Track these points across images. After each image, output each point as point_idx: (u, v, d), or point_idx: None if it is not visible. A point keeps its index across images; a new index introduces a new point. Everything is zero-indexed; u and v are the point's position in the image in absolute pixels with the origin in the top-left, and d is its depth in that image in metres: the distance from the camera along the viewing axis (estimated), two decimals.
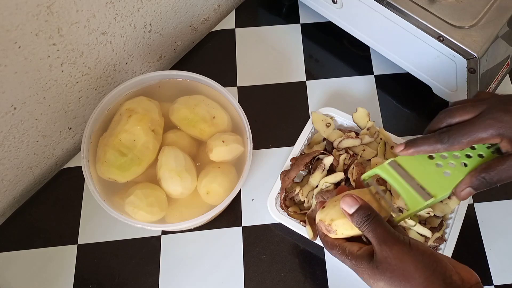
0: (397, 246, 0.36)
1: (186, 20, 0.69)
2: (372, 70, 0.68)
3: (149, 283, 0.55)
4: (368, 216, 0.38)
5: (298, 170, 0.54)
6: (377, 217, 0.38)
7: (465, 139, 0.39)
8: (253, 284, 0.55)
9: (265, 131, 0.63)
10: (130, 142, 0.50)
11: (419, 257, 0.35)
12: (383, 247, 0.36)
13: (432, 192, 0.40)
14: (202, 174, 0.53)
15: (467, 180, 0.40)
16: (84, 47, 0.53)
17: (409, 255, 0.35)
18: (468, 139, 0.39)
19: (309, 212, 0.54)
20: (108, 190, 0.51)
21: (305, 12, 0.73)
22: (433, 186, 0.40)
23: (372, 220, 0.38)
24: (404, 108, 0.66)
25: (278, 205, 0.55)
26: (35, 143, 0.57)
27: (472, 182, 0.40)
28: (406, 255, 0.35)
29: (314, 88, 0.67)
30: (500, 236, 0.58)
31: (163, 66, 0.72)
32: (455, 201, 0.54)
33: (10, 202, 0.61)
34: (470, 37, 0.52)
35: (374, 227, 0.37)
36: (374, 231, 0.37)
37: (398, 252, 0.35)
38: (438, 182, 0.41)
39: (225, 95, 0.55)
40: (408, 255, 0.35)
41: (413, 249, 0.35)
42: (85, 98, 0.60)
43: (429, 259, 0.35)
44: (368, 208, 0.39)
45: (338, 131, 0.58)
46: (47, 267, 0.56)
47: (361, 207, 0.39)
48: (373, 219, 0.38)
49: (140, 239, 0.57)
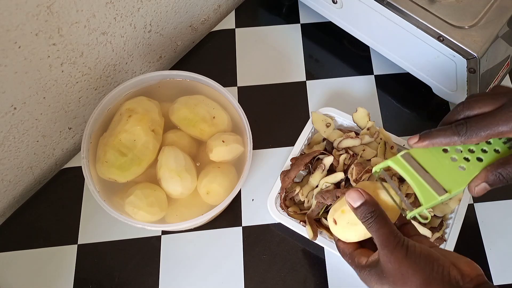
0: (396, 251, 0.36)
1: (186, 20, 0.69)
2: (372, 70, 0.68)
3: (149, 283, 0.55)
4: (373, 213, 0.38)
5: (298, 170, 0.54)
6: (381, 216, 0.37)
7: (484, 132, 0.37)
8: (253, 284, 0.55)
9: (265, 131, 0.63)
10: (130, 142, 0.50)
11: (416, 260, 0.35)
12: (385, 251, 0.36)
13: (447, 187, 0.38)
14: (202, 174, 0.53)
15: (482, 175, 0.38)
16: (84, 47, 0.53)
17: (406, 259, 0.35)
18: (487, 131, 0.37)
19: (309, 212, 0.54)
20: (108, 190, 0.51)
21: (305, 12, 0.73)
22: (447, 180, 0.39)
23: (375, 219, 0.37)
24: (404, 108, 0.66)
25: (278, 205, 0.55)
26: (35, 143, 0.57)
27: (488, 177, 0.38)
28: (404, 259, 0.35)
29: (314, 88, 0.67)
30: (500, 236, 0.58)
31: (163, 66, 0.72)
32: (455, 201, 0.54)
33: (10, 202, 0.61)
34: (470, 37, 0.52)
35: (378, 227, 0.37)
36: (377, 232, 0.37)
37: (398, 257, 0.36)
38: (453, 176, 0.39)
39: (225, 95, 0.55)
40: (406, 259, 0.35)
41: (410, 252, 0.36)
42: (85, 98, 0.60)
43: (425, 261, 0.35)
44: (373, 205, 0.38)
45: (338, 131, 0.58)
46: (47, 267, 0.56)
47: (366, 202, 0.38)
48: (377, 218, 0.37)
49: (140, 239, 0.57)
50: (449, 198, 0.39)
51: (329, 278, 0.55)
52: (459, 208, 0.54)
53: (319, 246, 0.55)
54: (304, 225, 0.53)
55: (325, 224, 0.54)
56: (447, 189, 0.38)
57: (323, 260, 0.56)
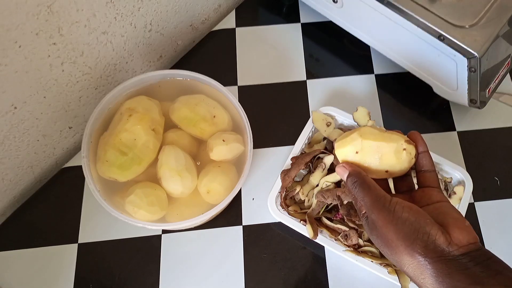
0: (383, 213, 0.36)
1: (187, 19, 0.69)
2: (372, 69, 0.68)
3: (149, 282, 0.55)
4: (355, 183, 0.39)
5: (299, 169, 0.54)
6: (362, 185, 0.39)
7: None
8: (253, 283, 0.55)
9: (266, 130, 0.63)
10: (130, 141, 0.50)
11: (400, 226, 0.35)
12: (372, 216, 0.37)
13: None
14: (203, 173, 0.53)
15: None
16: (85, 47, 0.53)
17: (391, 224, 0.36)
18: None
19: (309, 211, 0.54)
20: (108, 189, 0.51)
21: (305, 11, 0.73)
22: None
23: (358, 188, 0.39)
24: (404, 107, 0.66)
25: (279, 204, 0.55)
26: (36, 142, 0.57)
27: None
28: (389, 224, 0.36)
29: (315, 87, 0.67)
30: (500, 236, 0.58)
31: (164, 66, 0.72)
32: (456, 200, 0.54)
33: (11, 202, 0.61)
34: (470, 36, 0.52)
35: (362, 195, 0.38)
36: (363, 200, 0.38)
37: (384, 219, 0.36)
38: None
39: (226, 95, 0.55)
40: (391, 223, 0.36)
41: (396, 218, 0.36)
42: (86, 98, 0.60)
43: (410, 227, 0.35)
44: (355, 174, 0.40)
45: (338, 130, 0.58)
46: (47, 266, 0.56)
47: (349, 174, 0.41)
48: (359, 187, 0.39)
49: (141, 238, 0.57)
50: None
51: (329, 277, 0.55)
52: (459, 208, 0.54)
53: (319, 245, 0.55)
54: (305, 224, 0.53)
55: (325, 223, 0.54)
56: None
57: (324, 259, 0.56)
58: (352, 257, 0.51)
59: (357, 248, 0.52)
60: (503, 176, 0.61)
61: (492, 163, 0.62)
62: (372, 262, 0.51)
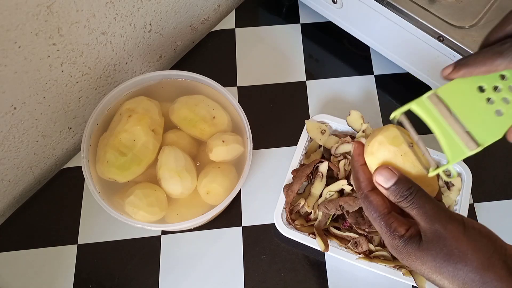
0: (451, 225, 0.32)
1: (186, 20, 0.69)
2: (372, 70, 0.68)
3: (149, 283, 0.55)
4: (410, 190, 0.33)
5: (301, 182, 0.54)
6: (421, 191, 0.33)
7: None
8: (253, 284, 0.55)
9: (265, 131, 0.63)
10: (130, 142, 0.50)
11: (477, 237, 0.31)
12: (436, 226, 0.32)
13: (479, 137, 0.32)
14: (202, 174, 0.53)
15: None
16: (84, 47, 0.53)
17: (464, 235, 0.31)
18: None
19: (316, 224, 0.53)
20: (108, 190, 0.51)
21: (305, 12, 0.73)
22: (480, 129, 0.33)
23: (416, 195, 0.33)
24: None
25: (285, 220, 0.54)
26: (35, 143, 0.57)
27: None
28: (461, 234, 0.31)
29: (314, 88, 0.67)
30: (500, 236, 0.58)
31: (163, 66, 0.72)
32: (456, 192, 0.54)
33: (10, 202, 0.61)
34: (470, 37, 0.52)
35: (422, 203, 0.33)
36: (422, 208, 0.33)
37: (453, 231, 0.31)
38: (487, 124, 0.33)
39: (225, 95, 0.55)
40: (464, 235, 0.31)
41: (469, 228, 0.32)
42: (85, 98, 0.60)
43: (487, 239, 0.32)
44: (408, 181, 0.34)
45: (334, 137, 0.58)
46: (47, 267, 0.56)
47: (399, 180, 0.34)
48: (417, 194, 0.33)
49: (140, 239, 0.57)
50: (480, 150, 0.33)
51: (329, 278, 0.55)
52: (460, 207, 0.54)
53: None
54: (314, 237, 0.52)
55: (334, 233, 0.53)
56: (479, 142, 0.32)
57: (323, 260, 0.56)
58: (366, 264, 0.51)
59: (368, 254, 0.52)
60: (503, 177, 0.61)
61: (492, 164, 0.62)
62: (385, 266, 0.51)
